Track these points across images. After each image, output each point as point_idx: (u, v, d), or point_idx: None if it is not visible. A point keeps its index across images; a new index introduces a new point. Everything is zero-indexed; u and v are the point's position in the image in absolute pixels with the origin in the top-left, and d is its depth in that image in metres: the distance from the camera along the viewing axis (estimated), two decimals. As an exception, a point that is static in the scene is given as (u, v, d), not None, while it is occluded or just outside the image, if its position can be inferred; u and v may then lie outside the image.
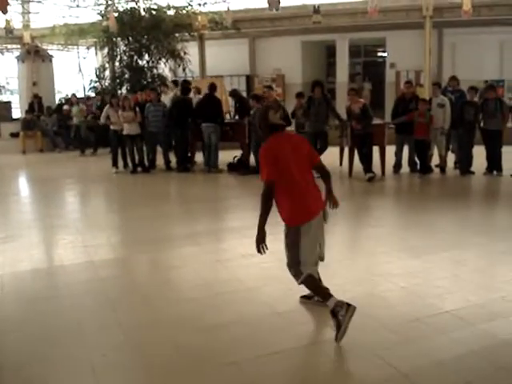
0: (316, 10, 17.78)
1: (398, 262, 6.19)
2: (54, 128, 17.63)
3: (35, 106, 18.14)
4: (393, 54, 20.78)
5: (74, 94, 17.79)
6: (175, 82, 15.56)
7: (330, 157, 12.00)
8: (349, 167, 11.47)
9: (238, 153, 12.83)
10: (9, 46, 22.37)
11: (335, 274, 5.86)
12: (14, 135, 17.79)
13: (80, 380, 3.91)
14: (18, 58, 20.41)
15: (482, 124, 11.36)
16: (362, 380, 3.78)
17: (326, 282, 5.54)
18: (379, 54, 24.57)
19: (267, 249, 4.41)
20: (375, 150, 11.25)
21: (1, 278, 5.98)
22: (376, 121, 11.80)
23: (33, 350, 4.35)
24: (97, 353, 4.27)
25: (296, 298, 5.17)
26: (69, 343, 4.42)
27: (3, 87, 23.25)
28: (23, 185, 13.25)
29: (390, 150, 11.63)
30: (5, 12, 13.25)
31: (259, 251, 4.40)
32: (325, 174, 4.85)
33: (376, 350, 4.13)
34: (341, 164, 12.44)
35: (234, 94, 14.29)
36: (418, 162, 11.57)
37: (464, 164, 11.39)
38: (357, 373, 3.86)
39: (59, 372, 4.00)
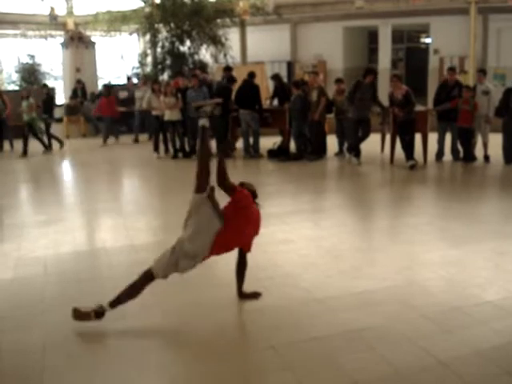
0: (359, -5, 17.61)
1: (438, 251, 6.12)
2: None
3: (78, 91, 18.37)
4: (436, 40, 20.43)
5: (25, 88, 15.62)
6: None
7: (372, 144, 11.94)
8: (390, 154, 11.35)
9: (279, 139, 12.82)
10: (53, 33, 22.67)
11: (375, 262, 5.85)
12: (58, 120, 18.09)
13: (121, 359, 3.98)
14: (61, 44, 20.71)
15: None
16: (399, 368, 3.76)
17: (367, 271, 5.54)
18: (422, 39, 24.18)
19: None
20: (417, 137, 11.10)
21: (44, 259, 6.12)
22: (418, 107, 11.63)
23: (75, 329, 4.45)
24: (136, 335, 4.35)
25: (335, 285, 5.16)
26: (108, 325, 4.50)
27: (48, 73, 23.58)
28: (66, 169, 13.48)
29: (433, 138, 11.47)
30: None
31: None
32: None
33: (415, 339, 4.10)
34: (382, 151, 12.36)
35: (276, 78, 14.18)
36: (461, 150, 11.38)
37: (509, 152, 11.13)
38: (394, 361, 3.84)
39: (101, 351, 4.08)
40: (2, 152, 14.78)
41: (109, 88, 16.73)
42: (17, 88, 21.61)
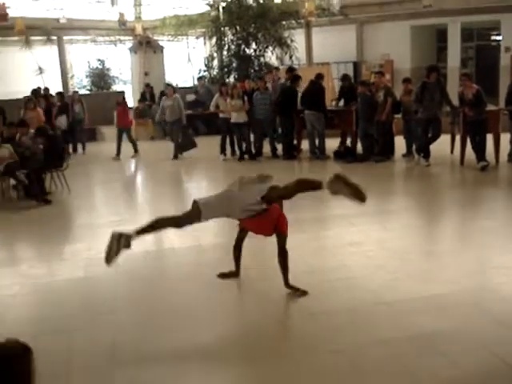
0: (426, -7, 17.29)
1: (511, 254, 5.93)
2: (164, 117, 18.17)
3: (147, 95, 18.70)
4: (508, 38, 19.84)
5: None
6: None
7: (442, 144, 11.68)
8: (460, 155, 11.07)
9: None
10: (122, 38, 23.26)
11: (447, 266, 5.73)
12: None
13: (185, 360, 4.03)
14: (130, 49, 21.16)
15: None
16: (470, 374, 3.68)
17: (437, 274, 5.44)
18: (493, 37, 23.53)
19: None
20: (489, 137, 10.79)
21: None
22: (490, 107, 11.32)
23: (144, 328, 4.54)
24: (204, 335, 4.39)
25: (403, 288, 5.08)
26: (177, 324, 4.58)
27: (117, 77, 24.16)
28: (136, 171, 13.75)
29: (505, 138, 11.13)
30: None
31: None
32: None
33: (487, 344, 4.00)
34: (452, 152, 12.05)
35: (346, 78, 14.00)
36: (535, 150, 11.02)
37: None
38: (465, 366, 3.75)
39: (169, 351, 4.15)
40: (75, 154, 15.15)
41: (123, 95, 16.14)
42: (87, 92, 22.25)
